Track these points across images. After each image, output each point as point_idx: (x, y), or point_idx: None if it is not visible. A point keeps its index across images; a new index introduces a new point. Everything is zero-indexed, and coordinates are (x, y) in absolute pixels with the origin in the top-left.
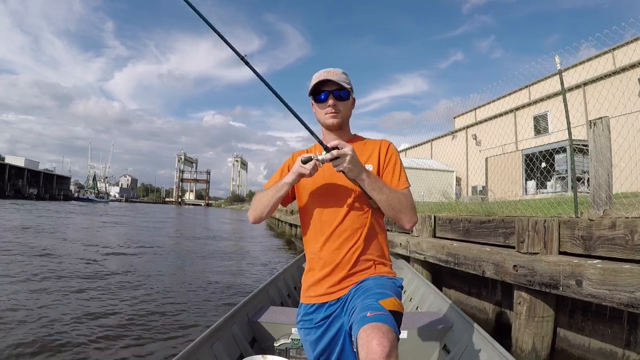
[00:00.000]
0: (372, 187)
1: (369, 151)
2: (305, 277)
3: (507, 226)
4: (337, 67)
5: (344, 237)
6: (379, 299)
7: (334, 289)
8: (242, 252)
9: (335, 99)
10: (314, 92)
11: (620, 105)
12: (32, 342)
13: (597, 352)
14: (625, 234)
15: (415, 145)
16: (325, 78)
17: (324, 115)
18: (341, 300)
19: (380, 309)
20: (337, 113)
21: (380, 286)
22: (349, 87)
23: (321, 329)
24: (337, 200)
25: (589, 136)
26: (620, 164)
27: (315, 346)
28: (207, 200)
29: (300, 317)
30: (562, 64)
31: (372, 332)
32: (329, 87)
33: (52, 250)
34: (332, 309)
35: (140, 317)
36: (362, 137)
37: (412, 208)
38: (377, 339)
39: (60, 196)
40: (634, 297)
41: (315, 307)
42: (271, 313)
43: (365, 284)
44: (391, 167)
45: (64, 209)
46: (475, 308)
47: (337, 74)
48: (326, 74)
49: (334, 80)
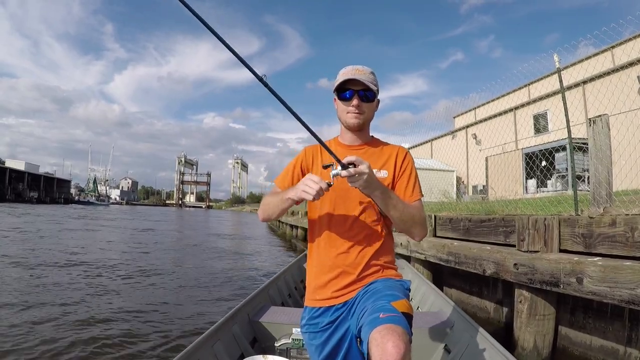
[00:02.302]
0: (385, 204)
1: (386, 157)
2: (311, 279)
3: (508, 225)
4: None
5: (354, 241)
6: (391, 300)
7: (340, 292)
8: (242, 253)
9: (360, 99)
10: (340, 89)
11: (620, 103)
12: (37, 343)
13: (599, 350)
14: (626, 231)
15: (416, 145)
16: (352, 77)
17: (346, 115)
18: (348, 303)
19: (393, 311)
20: (361, 114)
21: (389, 288)
22: (376, 89)
23: (327, 333)
24: (349, 204)
25: (588, 134)
26: (620, 162)
27: (321, 350)
28: (208, 202)
29: (306, 321)
30: (561, 62)
31: (388, 334)
32: (356, 86)
33: (52, 252)
34: (339, 312)
35: (141, 317)
36: (379, 140)
37: (423, 223)
38: (392, 340)
39: (60, 199)
40: (634, 294)
41: (321, 310)
42: (272, 313)
43: (374, 286)
44: (406, 177)
45: (65, 213)
46: (476, 307)
47: (366, 73)
48: (354, 72)
49: (362, 79)
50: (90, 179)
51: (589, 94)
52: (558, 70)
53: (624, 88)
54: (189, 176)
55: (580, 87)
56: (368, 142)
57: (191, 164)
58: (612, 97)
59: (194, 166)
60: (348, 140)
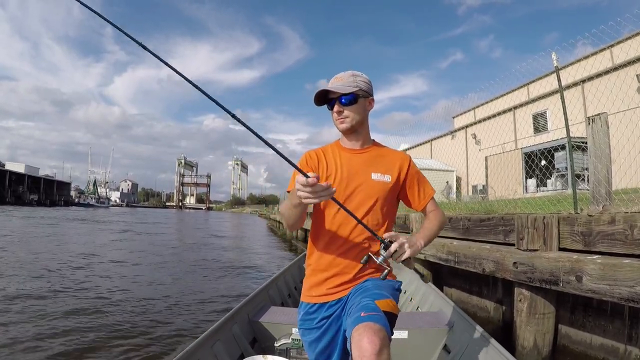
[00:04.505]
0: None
1: (389, 163)
2: (308, 276)
3: (507, 224)
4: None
5: (353, 243)
6: (376, 299)
7: (335, 289)
8: (242, 253)
9: (340, 104)
10: (327, 100)
11: (619, 101)
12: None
13: (599, 348)
14: (625, 229)
15: (415, 145)
16: (324, 88)
17: (336, 121)
18: (342, 300)
19: (375, 310)
20: (345, 118)
21: (378, 287)
22: (355, 90)
23: (321, 330)
24: (354, 203)
25: (587, 133)
26: (620, 160)
27: (315, 347)
28: (208, 204)
29: (301, 317)
30: (559, 61)
31: (364, 332)
32: (334, 94)
33: (54, 255)
34: (333, 309)
35: (141, 317)
36: (381, 144)
37: (442, 227)
38: (367, 337)
39: (60, 202)
40: (634, 291)
41: (316, 307)
42: (272, 313)
43: (365, 285)
44: (415, 184)
45: (65, 216)
46: (476, 306)
47: (344, 79)
48: (331, 82)
49: (334, 88)
50: (90, 181)
51: (588, 92)
52: (557, 69)
53: (623, 86)
54: (189, 178)
55: (579, 86)
56: (369, 146)
57: (191, 166)
58: (611, 96)
59: (194, 168)
60: (348, 145)
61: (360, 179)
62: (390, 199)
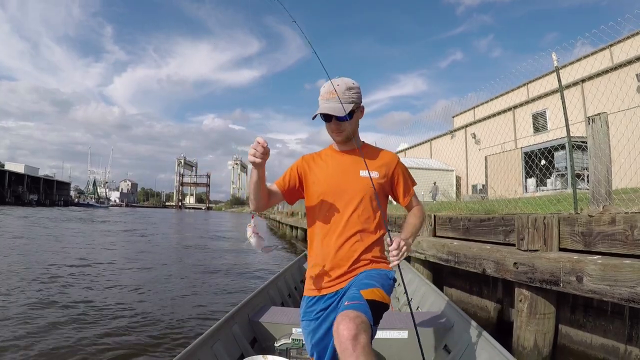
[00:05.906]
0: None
1: (379, 161)
2: (309, 271)
3: (507, 224)
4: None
5: (347, 236)
6: (361, 289)
7: (332, 282)
8: (242, 254)
9: (337, 120)
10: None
11: (619, 101)
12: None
13: (600, 348)
14: (625, 229)
15: (415, 145)
16: (323, 112)
17: (331, 133)
18: (339, 293)
19: (358, 299)
20: (342, 132)
21: (369, 277)
22: (352, 106)
23: (318, 321)
24: (345, 200)
25: (587, 132)
26: (620, 160)
27: (312, 336)
28: (208, 204)
29: (304, 309)
30: (559, 61)
31: (341, 319)
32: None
33: (53, 255)
34: (330, 301)
35: (140, 317)
36: (370, 145)
37: (424, 218)
38: (344, 323)
39: (60, 202)
40: (634, 292)
41: (315, 299)
42: (272, 313)
43: (358, 277)
44: (402, 182)
45: (65, 216)
46: (476, 306)
47: (338, 94)
48: (328, 96)
49: (332, 112)
50: (89, 181)
51: (588, 92)
52: (556, 69)
53: (623, 86)
54: (189, 178)
55: (579, 85)
56: (360, 147)
57: (191, 166)
58: (611, 95)
59: (194, 168)
60: (341, 147)
61: (350, 176)
62: (380, 195)
